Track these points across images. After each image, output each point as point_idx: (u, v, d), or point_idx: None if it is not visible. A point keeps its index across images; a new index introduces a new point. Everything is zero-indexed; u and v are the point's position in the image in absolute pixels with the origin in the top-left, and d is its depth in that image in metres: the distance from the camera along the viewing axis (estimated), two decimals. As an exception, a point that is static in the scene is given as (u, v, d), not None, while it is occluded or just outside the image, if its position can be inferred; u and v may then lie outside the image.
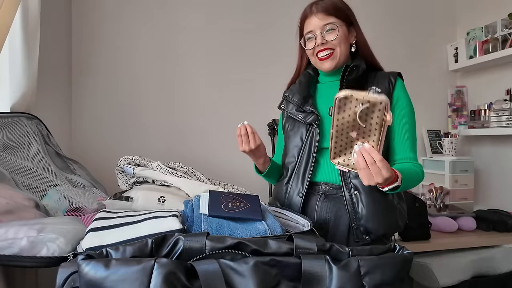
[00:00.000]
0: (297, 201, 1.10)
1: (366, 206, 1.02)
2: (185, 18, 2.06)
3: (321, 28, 1.06)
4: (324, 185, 1.10)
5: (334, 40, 1.06)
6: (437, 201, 1.91)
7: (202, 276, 0.61)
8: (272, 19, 2.18)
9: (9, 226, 0.76)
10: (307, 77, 1.19)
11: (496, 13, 2.08)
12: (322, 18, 1.06)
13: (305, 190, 1.09)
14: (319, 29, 1.07)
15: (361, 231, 1.03)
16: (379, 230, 1.02)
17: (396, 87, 1.07)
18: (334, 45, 1.07)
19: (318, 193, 1.10)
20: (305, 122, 1.12)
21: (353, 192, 1.03)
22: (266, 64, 2.16)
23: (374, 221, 1.01)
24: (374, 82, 1.08)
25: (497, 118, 2.04)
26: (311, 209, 1.11)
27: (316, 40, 1.07)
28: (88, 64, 1.94)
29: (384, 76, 1.09)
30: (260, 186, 2.07)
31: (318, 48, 1.08)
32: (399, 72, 1.11)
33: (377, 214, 1.01)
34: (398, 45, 2.32)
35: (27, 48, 1.27)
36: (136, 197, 1.04)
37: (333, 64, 1.08)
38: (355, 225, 1.03)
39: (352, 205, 1.03)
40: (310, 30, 1.09)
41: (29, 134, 1.25)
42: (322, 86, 1.18)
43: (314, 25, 1.08)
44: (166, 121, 2.03)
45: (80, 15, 1.92)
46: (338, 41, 1.06)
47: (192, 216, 0.87)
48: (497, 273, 1.61)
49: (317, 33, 1.07)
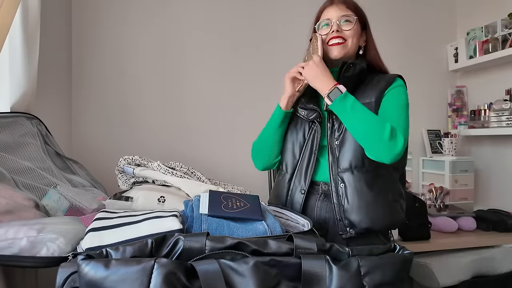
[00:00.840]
0: (299, 198, 1.11)
1: (350, 199, 1.03)
2: (186, 18, 2.06)
3: (339, 17, 1.10)
4: (324, 185, 1.11)
5: (348, 31, 1.09)
6: (437, 201, 1.91)
7: (202, 276, 0.61)
8: (273, 18, 2.18)
9: (9, 226, 0.76)
10: None
11: (496, 13, 2.08)
12: (342, 9, 1.11)
13: (307, 188, 1.10)
14: (336, 18, 1.10)
15: (344, 224, 1.04)
16: (361, 223, 1.02)
17: (392, 83, 1.08)
18: (347, 35, 1.10)
19: (318, 192, 1.12)
20: (308, 119, 1.14)
21: (340, 184, 1.05)
22: (267, 64, 2.16)
23: (357, 214, 1.02)
24: (372, 83, 1.09)
25: (497, 118, 2.04)
26: (310, 209, 1.11)
27: (332, 26, 1.10)
28: (88, 64, 1.94)
29: (385, 78, 1.10)
30: (260, 186, 2.07)
31: (332, 35, 1.10)
32: (400, 75, 1.12)
33: (361, 207, 1.02)
34: (398, 45, 2.32)
35: (27, 48, 1.27)
36: (136, 197, 1.04)
37: (341, 52, 1.10)
38: (339, 217, 1.05)
39: (337, 198, 1.05)
40: (327, 18, 1.12)
41: (29, 134, 1.24)
42: None
43: (332, 14, 1.11)
44: (166, 121, 2.03)
45: (80, 15, 1.92)
46: (351, 33, 1.10)
47: (192, 216, 0.86)
48: (497, 273, 1.61)
49: (334, 20, 1.10)
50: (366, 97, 1.07)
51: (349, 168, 1.05)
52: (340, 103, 1.01)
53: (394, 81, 1.08)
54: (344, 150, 1.06)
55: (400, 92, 1.07)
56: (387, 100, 1.06)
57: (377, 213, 1.03)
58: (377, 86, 1.08)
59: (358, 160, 1.04)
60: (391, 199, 1.07)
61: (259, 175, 2.11)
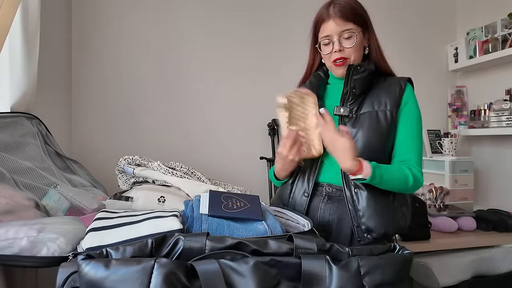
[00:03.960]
0: (302, 201, 1.09)
1: (366, 203, 1.01)
2: (186, 18, 2.06)
3: (339, 34, 1.06)
4: (328, 187, 1.09)
5: (350, 48, 1.06)
6: (437, 201, 1.91)
7: (202, 276, 0.61)
8: (274, 17, 2.17)
9: (9, 226, 0.76)
10: (317, 78, 1.18)
11: (496, 13, 2.08)
12: (340, 24, 1.05)
13: (311, 190, 1.08)
14: (337, 35, 1.06)
15: (362, 230, 1.02)
16: (380, 228, 1.01)
17: (405, 91, 1.08)
18: (349, 53, 1.07)
19: (322, 194, 1.10)
20: None
21: (354, 190, 1.03)
22: (267, 64, 2.16)
23: (375, 219, 1.01)
24: (383, 87, 1.09)
25: (497, 118, 2.04)
26: (314, 211, 1.10)
27: (333, 45, 1.07)
28: (88, 64, 1.94)
29: (395, 82, 1.10)
30: (260, 186, 2.08)
31: (335, 56, 1.08)
32: (409, 77, 1.12)
33: (377, 212, 1.01)
34: (398, 45, 2.32)
35: (27, 48, 1.27)
36: (136, 197, 1.04)
37: (345, 70, 1.09)
38: (356, 223, 1.03)
39: (352, 203, 1.03)
40: (327, 35, 1.08)
41: (29, 134, 1.24)
42: (331, 87, 1.18)
43: (331, 30, 1.06)
44: (166, 121, 2.04)
45: (80, 15, 1.92)
46: (354, 49, 1.07)
47: (192, 216, 0.86)
48: (497, 273, 1.61)
49: (335, 40, 1.06)
50: (381, 104, 1.06)
51: None
52: (369, 183, 0.99)
53: (406, 87, 1.08)
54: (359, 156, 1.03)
55: (413, 107, 1.08)
56: (404, 121, 1.06)
57: (391, 216, 1.03)
58: (390, 92, 1.07)
59: None
60: (398, 205, 1.06)
61: (259, 175, 2.12)
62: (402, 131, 1.06)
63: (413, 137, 1.06)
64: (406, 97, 1.08)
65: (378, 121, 1.05)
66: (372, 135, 1.04)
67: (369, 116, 1.06)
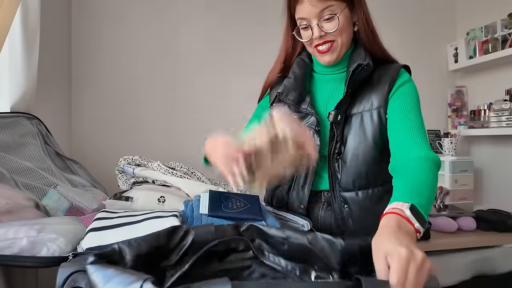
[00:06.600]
0: (300, 213, 0.99)
1: (356, 220, 0.93)
2: (186, 17, 2.06)
3: (317, 15, 0.87)
4: (326, 193, 0.99)
5: (334, 31, 0.88)
6: (437, 201, 1.91)
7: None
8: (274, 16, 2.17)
9: (9, 226, 0.76)
10: (302, 67, 1.01)
11: (496, 13, 2.08)
12: (316, 4, 0.86)
13: (307, 202, 0.98)
14: (315, 18, 0.88)
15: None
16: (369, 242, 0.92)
17: (397, 80, 0.94)
18: (334, 36, 0.90)
19: (320, 201, 1.00)
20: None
21: (343, 206, 0.94)
22: (268, 64, 2.16)
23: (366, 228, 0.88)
24: (374, 81, 0.95)
25: (497, 118, 2.04)
26: (314, 219, 1.00)
27: (312, 31, 0.89)
28: (88, 64, 1.93)
29: (387, 73, 0.95)
30: (260, 186, 2.07)
31: (317, 42, 0.91)
32: (405, 65, 0.99)
33: (367, 228, 0.85)
34: (397, 45, 2.31)
35: (27, 48, 1.27)
36: (136, 197, 1.04)
37: (333, 57, 0.93)
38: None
39: (341, 219, 0.95)
40: (303, 17, 0.90)
41: (29, 134, 1.24)
42: (319, 78, 1.02)
43: (308, 13, 0.88)
44: (166, 121, 2.03)
45: (80, 15, 1.92)
46: (338, 31, 0.89)
47: (192, 216, 0.87)
48: (497, 273, 1.61)
49: (314, 24, 0.88)
50: (367, 102, 0.94)
51: (353, 189, 0.94)
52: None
53: (398, 78, 0.94)
54: (346, 169, 0.93)
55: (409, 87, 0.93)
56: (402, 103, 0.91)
57: None
58: (380, 87, 0.94)
59: (362, 178, 0.93)
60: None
61: (259, 175, 2.11)
62: (406, 120, 0.91)
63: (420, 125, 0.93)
64: (398, 82, 0.94)
65: (365, 124, 0.93)
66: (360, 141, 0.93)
67: (356, 118, 0.94)
